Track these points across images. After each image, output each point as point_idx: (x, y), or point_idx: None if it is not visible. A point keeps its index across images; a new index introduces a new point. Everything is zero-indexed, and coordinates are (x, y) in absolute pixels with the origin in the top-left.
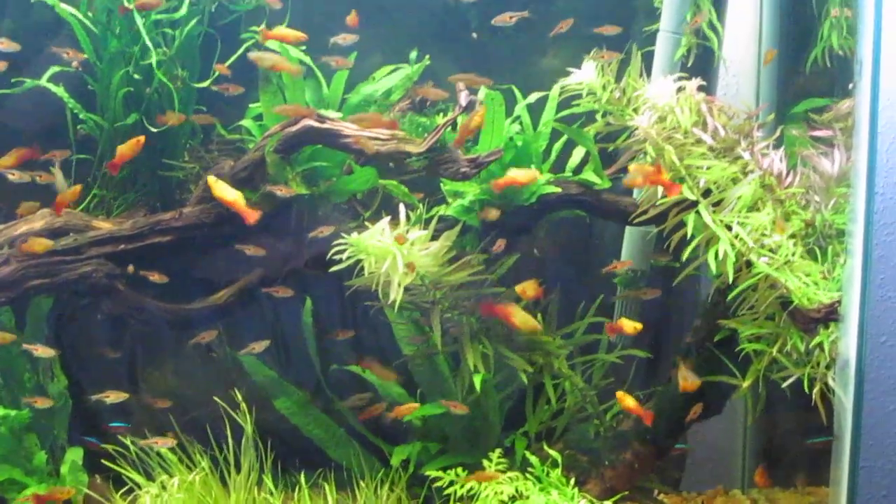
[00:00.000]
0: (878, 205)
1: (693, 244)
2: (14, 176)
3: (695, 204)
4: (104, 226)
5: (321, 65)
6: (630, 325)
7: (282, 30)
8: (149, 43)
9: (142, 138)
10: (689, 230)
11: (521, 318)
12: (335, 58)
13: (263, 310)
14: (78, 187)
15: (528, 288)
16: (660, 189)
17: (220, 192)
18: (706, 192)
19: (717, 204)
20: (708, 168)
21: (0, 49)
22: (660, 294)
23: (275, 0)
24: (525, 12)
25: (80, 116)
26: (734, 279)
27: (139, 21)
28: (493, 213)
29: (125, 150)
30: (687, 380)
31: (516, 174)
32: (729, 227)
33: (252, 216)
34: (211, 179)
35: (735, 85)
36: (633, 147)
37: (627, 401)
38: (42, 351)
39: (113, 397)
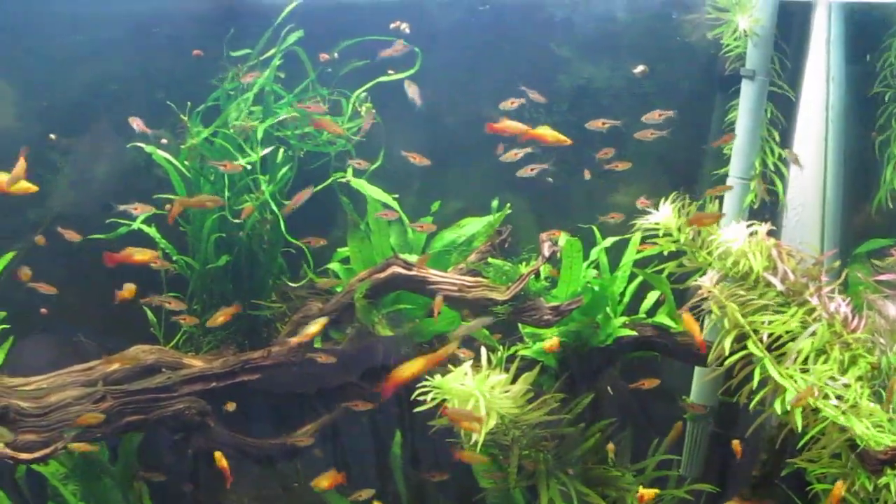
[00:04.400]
0: None
1: (759, 395)
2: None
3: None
4: (195, 363)
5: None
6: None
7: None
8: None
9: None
10: (755, 382)
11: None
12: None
13: (346, 444)
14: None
15: None
16: (727, 343)
17: None
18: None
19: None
20: (770, 323)
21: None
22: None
23: (361, 163)
24: (618, 121)
25: (173, 258)
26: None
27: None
28: (554, 343)
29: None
30: None
31: None
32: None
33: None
34: None
35: (800, 227)
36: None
37: None
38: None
39: None
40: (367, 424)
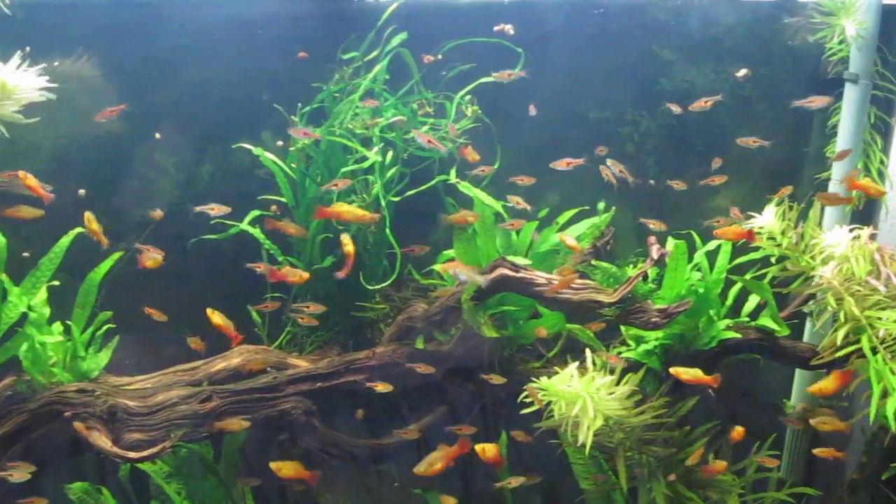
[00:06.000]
0: None
1: (877, 398)
2: None
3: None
4: (301, 364)
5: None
6: None
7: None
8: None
9: (306, 275)
10: (874, 381)
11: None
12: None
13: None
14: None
15: None
16: (839, 335)
17: None
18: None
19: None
20: (887, 318)
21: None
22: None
23: (471, 154)
24: (719, 95)
25: (278, 259)
26: None
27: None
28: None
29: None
30: None
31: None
32: None
33: None
34: None
35: None
36: (809, 292)
37: None
38: None
39: None
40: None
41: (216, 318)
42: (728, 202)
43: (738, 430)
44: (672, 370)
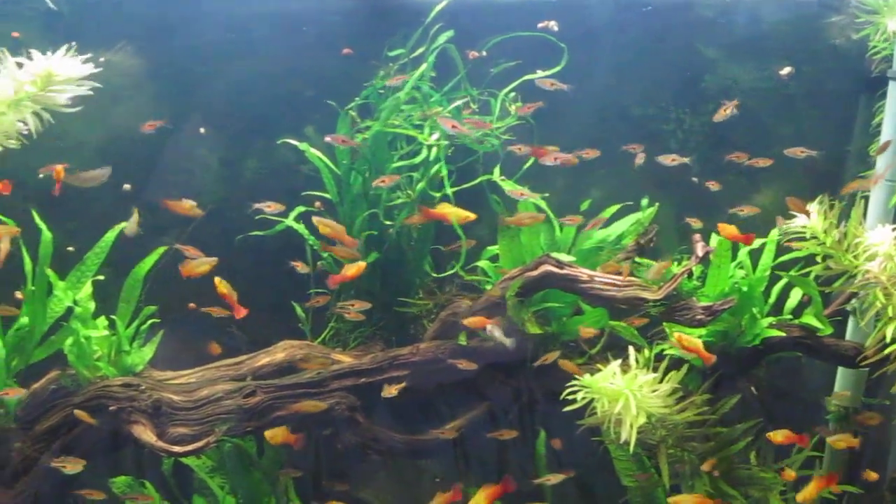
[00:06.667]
0: None
1: None
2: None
3: None
4: (345, 359)
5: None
6: None
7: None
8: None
9: (363, 264)
10: None
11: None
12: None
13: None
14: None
15: None
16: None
17: None
18: None
19: None
20: None
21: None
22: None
23: (522, 148)
24: (735, 101)
25: (322, 255)
26: None
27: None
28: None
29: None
30: None
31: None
32: None
33: None
34: None
35: None
36: (852, 290)
37: None
38: None
39: None
40: (513, 422)
41: (222, 286)
42: (770, 199)
43: (783, 434)
44: (676, 335)
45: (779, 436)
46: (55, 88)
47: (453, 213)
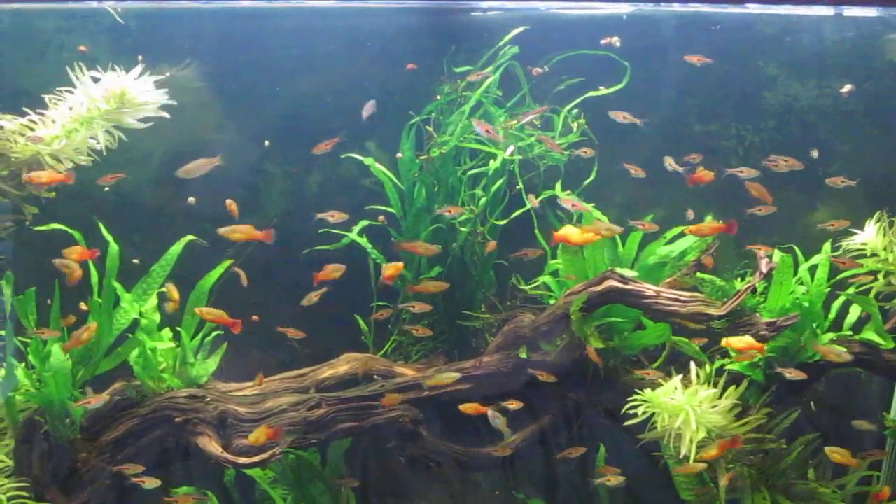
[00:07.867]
0: None
1: None
2: None
3: None
4: (407, 372)
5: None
6: None
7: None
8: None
9: (400, 265)
10: None
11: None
12: (641, 222)
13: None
14: None
15: None
16: None
17: None
18: None
19: None
20: None
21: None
22: None
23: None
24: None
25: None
26: None
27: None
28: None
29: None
30: None
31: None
32: None
33: None
34: None
35: None
36: None
37: None
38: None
39: None
40: (574, 436)
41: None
42: (828, 216)
43: (842, 453)
44: (724, 341)
45: (837, 455)
46: (127, 110)
47: (578, 236)
